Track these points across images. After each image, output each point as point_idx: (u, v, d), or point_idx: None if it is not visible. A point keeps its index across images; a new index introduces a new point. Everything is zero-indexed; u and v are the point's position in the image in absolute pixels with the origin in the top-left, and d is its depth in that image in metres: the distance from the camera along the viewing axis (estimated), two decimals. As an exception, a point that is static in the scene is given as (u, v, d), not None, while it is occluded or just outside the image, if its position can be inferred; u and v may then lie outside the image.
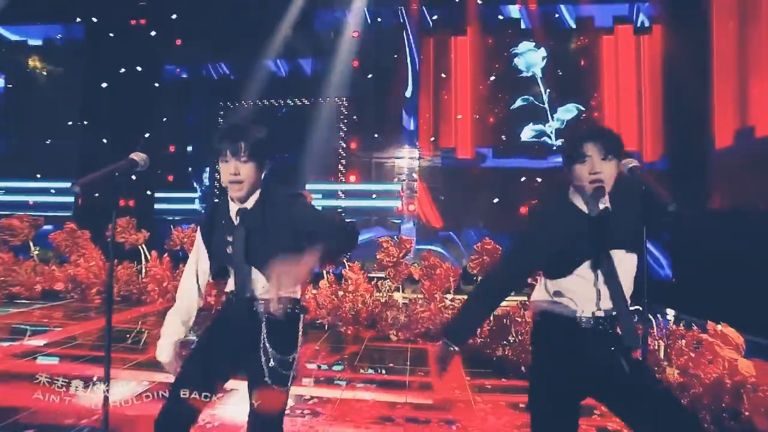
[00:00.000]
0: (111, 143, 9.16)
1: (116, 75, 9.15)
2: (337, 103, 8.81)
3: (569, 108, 8.27)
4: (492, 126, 8.41)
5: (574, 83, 8.21)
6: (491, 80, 8.43)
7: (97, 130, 9.16)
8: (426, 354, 4.03)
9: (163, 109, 9.51)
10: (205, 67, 9.60)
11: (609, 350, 1.30)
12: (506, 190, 8.11)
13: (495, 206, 8.07)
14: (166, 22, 9.05)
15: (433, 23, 8.51)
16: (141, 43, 9.11)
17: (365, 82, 8.53)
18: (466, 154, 8.43)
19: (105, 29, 9.25)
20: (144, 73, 9.22)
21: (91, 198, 9.30)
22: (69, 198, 9.61)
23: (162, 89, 9.46)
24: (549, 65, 8.26)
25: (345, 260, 5.06)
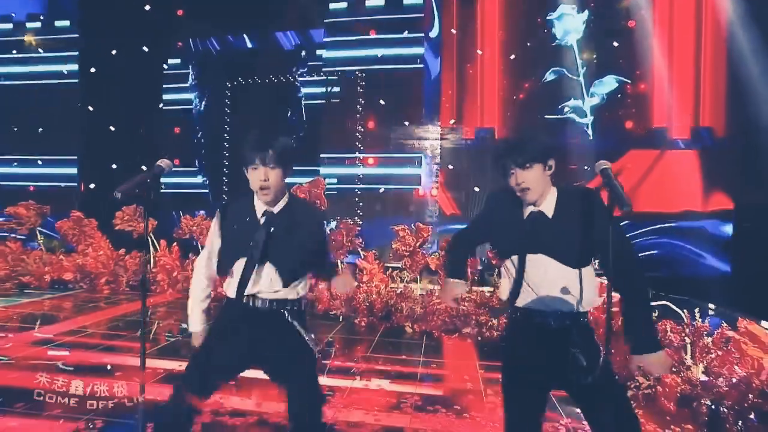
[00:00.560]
0: (117, 125, 9.84)
1: (121, 55, 9.72)
2: (356, 76, 9.10)
3: (607, 80, 8.27)
4: (522, 102, 8.55)
5: (618, 50, 8.13)
6: (522, 50, 8.50)
7: (103, 115, 9.83)
8: (441, 347, 4.42)
9: (170, 89, 10.11)
10: (210, 43, 10.09)
11: (562, 345, 1.59)
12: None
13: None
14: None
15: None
16: (147, 22, 9.62)
17: (383, 54, 8.77)
18: (493, 133, 8.61)
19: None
20: (151, 54, 9.77)
21: (93, 187, 10.08)
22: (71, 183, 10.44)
23: (170, 69, 10.02)
24: (590, 31, 8.22)
25: (360, 250, 5.47)
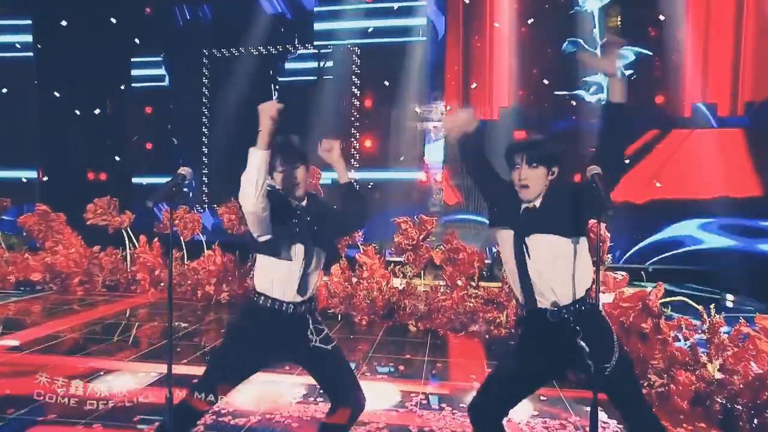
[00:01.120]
0: (79, 105, 9.98)
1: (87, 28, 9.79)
2: (349, 50, 9.22)
3: (623, 53, 8.39)
4: (535, 78, 8.69)
5: (645, 17, 8.18)
6: (538, 18, 8.55)
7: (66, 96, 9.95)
8: (447, 345, 4.73)
9: (139, 63, 10.22)
10: (187, 9, 10.15)
11: (564, 338, 1.88)
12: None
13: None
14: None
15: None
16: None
17: (381, 25, 8.87)
18: (504, 114, 8.75)
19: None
20: (119, 26, 9.87)
21: (56, 174, 10.27)
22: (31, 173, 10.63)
23: (142, 42, 10.10)
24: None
25: (359, 243, 5.76)
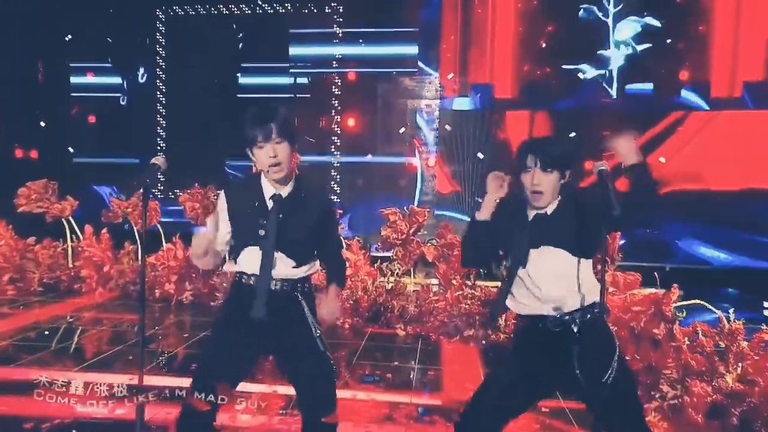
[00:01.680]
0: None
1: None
2: (330, 9, 9.12)
3: (628, 25, 8.31)
4: (544, 51, 8.68)
5: None
6: None
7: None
8: (440, 352, 4.81)
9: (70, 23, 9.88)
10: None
11: (563, 347, 2.00)
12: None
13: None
14: None
15: None
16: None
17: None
18: (505, 93, 8.77)
19: None
20: None
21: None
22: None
23: None
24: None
25: (342, 237, 5.78)
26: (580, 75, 8.60)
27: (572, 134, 8.23)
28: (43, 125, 10.34)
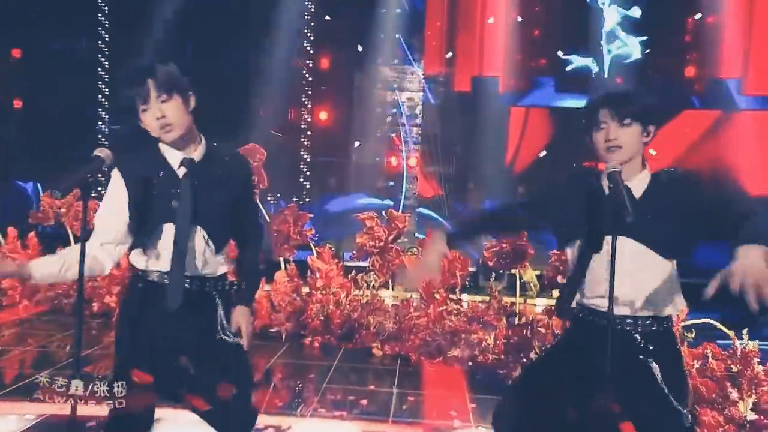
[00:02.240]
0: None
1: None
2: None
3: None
4: (539, 41, 8.83)
5: None
6: None
7: None
8: (421, 374, 4.74)
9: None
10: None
11: (633, 355, 1.91)
12: (557, 141, 8.65)
13: (537, 165, 8.60)
14: None
15: None
16: None
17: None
18: (498, 85, 8.86)
19: None
20: None
21: None
22: None
23: None
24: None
25: (312, 244, 5.67)
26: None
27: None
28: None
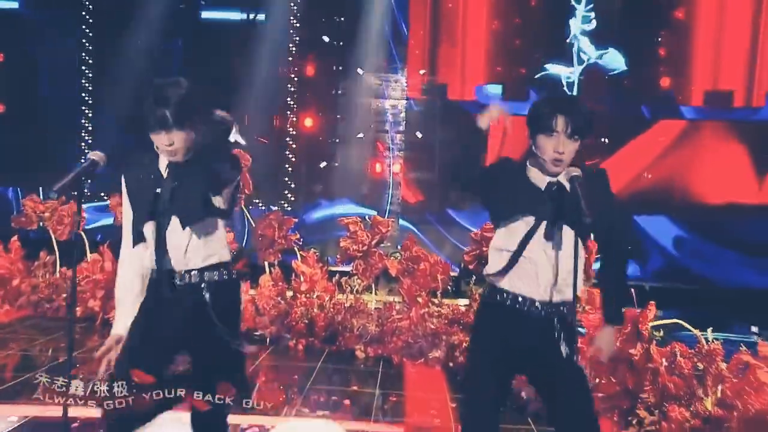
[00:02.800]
0: None
1: None
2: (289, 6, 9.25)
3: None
4: (518, 51, 9.05)
5: None
6: None
7: None
8: (403, 376, 4.85)
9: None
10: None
11: (547, 335, 2.07)
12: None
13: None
14: None
15: None
16: None
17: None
18: (475, 94, 9.08)
19: None
20: None
21: None
22: None
23: None
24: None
25: (297, 249, 5.78)
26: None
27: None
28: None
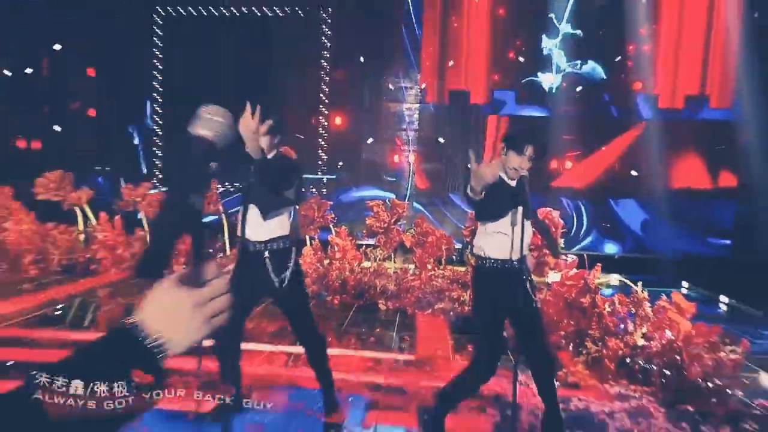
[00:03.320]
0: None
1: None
2: (320, 17, 10.48)
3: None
4: (513, 63, 10.24)
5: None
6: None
7: None
8: (415, 322, 6.16)
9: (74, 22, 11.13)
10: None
11: (524, 284, 3.25)
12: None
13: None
14: None
15: None
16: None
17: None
18: (479, 99, 10.30)
19: None
20: None
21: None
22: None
23: None
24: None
25: (332, 226, 7.08)
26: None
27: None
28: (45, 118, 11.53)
